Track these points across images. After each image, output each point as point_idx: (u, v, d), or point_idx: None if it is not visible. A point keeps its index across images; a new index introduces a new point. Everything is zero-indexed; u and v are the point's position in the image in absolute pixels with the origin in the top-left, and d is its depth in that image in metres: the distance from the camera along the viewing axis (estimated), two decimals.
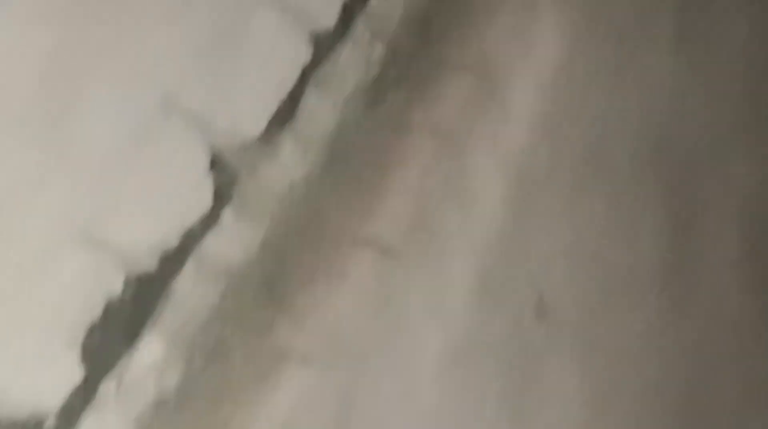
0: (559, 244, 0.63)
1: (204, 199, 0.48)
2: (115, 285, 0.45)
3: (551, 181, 0.62)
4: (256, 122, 0.49)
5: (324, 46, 0.53)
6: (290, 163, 0.51)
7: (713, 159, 0.81)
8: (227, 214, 0.49)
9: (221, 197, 0.48)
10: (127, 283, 0.45)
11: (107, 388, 0.44)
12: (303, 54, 0.51)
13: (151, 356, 0.47)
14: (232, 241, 0.49)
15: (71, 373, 0.43)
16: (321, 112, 0.52)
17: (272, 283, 0.49)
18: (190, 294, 0.48)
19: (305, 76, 0.51)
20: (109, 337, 0.44)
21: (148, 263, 0.46)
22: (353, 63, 0.54)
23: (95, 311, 0.44)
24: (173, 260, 0.48)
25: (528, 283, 0.60)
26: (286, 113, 0.50)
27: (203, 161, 0.48)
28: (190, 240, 0.48)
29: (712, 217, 0.78)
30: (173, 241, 0.47)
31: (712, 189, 0.79)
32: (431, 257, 0.53)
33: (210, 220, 0.48)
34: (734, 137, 0.84)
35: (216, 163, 0.48)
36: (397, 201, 0.52)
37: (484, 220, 0.58)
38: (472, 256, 0.57)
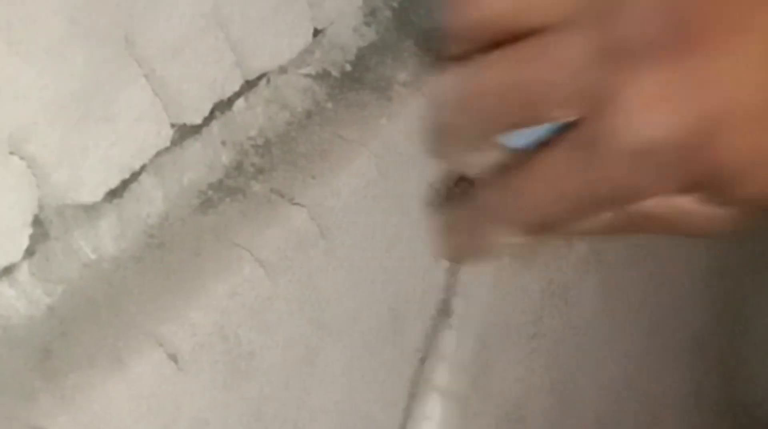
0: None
1: (10, 250, 0.46)
2: None
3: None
4: (92, 190, 0.49)
5: (181, 139, 0.52)
6: (106, 238, 0.51)
7: None
8: (23, 268, 0.47)
9: (26, 251, 0.46)
10: None
11: None
12: (162, 140, 0.51)
13: None
14: (19, 297, 0.48)
15: None
16: (151, 199, 0.52)
17: (48, 352, 0.48)
18: None
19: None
20: None
21: None
22: (197, 163, 0.54)
23: None
24: None
25: None
26: (118, 188, 0.50)
27: (28, 211, 0.46)
28: None
29: None
30: None
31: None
32: (217, 375, 0.53)
33: (7, 270, 0.47)
34: None
35: (37, 217, 0.46)
36: (200, 313, 0.51)
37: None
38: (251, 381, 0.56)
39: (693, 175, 0.37)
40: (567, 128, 0.39)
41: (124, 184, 0.51)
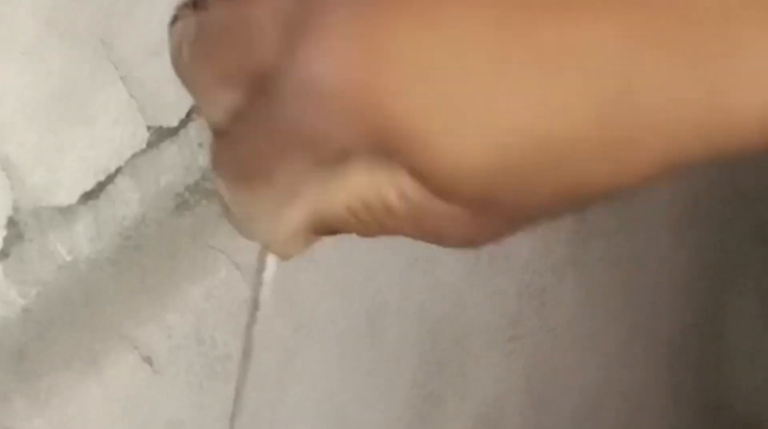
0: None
1: None
2: None
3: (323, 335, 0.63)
4: (68, 192, 0.48)
5: (157, 141, 0.53)
6: (81, 240, 0.50)
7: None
8: None
9: (1, 252, 0.46)
10: None
11: None
12: (138, 142, 0.51)
13: None
14: None
15: None
16: (127, 201, 0.51)
17: (23, 354, 0.47)
18: None
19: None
20: None
21: None
22: (173, 165, 0.53)
23: None
24: None
25: None
26: (94, 190, 0.50)
27: (3, 213, 0.46)
28: None
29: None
30: None
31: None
32: (193, 377, 0.53)
33: None
34: None
35: (12, 219, 0.46)
36: (176, 316, 0.51)
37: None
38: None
39: (369, 128, 0.35)
40: None
41: (100, 186, 0.51)
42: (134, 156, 0.51)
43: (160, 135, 0.53)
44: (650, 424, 1.19)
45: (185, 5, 0.44)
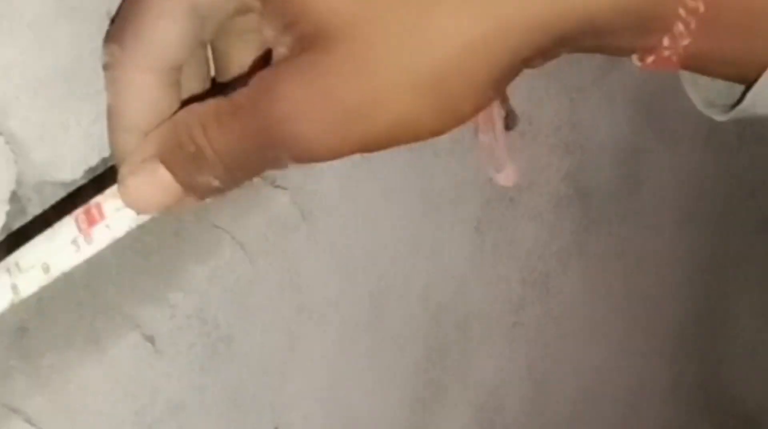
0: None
1: None
2: None
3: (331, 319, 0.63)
4: (72, 167, 0.47)
5: None
6: None
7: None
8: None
9: (3, 228, 0.45)
10: None
11: None
12: None
13: None
14: None
15: None
16: None
17: (25, 330, 0.47)
18: None
19: None
20: None
21: None
22: None
23: None
24: None
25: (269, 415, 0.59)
26: (98, 166, 0.48)
27: (6, 187, 0.45)
28: None
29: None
30: None
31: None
32: (195, 358, 0.52)
33: None
34: None
35: (15, 193, 0.46)
36: (179, 296, 0.50)
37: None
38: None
39: None
40: None
41: (104, 162, 0.50)
42: None
43: None
44: (650, 414, 1.19)
45: None
